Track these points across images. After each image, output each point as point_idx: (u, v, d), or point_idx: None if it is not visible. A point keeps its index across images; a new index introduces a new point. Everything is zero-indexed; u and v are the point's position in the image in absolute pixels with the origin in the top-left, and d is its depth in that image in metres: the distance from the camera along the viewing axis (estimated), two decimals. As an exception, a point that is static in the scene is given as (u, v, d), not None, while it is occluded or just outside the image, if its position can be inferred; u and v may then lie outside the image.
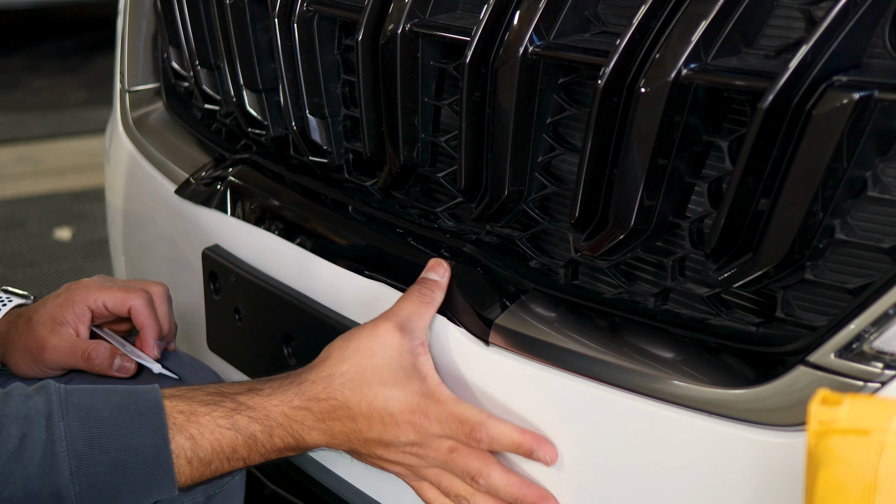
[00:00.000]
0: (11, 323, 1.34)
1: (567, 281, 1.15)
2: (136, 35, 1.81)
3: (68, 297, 1.32)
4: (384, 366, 1.12)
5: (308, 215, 1.40)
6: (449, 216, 1.28)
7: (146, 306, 1.33)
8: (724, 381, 0.98)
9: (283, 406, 1.11)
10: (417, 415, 1.11)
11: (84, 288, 1.33)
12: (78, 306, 1.32)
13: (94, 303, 1.32)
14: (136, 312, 1.33)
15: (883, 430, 0.76)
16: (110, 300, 1.32)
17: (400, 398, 1.11)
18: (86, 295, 1.32)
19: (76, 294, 1.33)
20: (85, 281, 1.35)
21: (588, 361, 1.06)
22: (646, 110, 0.97)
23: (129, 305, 1.32)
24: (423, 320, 1.15)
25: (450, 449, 1.11)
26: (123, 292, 1.33)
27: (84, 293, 1.33)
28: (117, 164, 1.83)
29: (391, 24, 1.19)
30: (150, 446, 1.05)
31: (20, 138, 4.77)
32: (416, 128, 1.24)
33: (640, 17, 0.98)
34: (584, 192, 1.06)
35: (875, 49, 0.90)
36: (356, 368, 1.12)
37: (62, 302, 1.32)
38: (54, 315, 1.31)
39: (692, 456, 0.99)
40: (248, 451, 1.10)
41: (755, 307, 1.02)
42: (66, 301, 1.32)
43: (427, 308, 1.15)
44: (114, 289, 1.33)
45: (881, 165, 0.91)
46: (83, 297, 1.32)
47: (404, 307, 1.15)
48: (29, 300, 1.40)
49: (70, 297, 1.32)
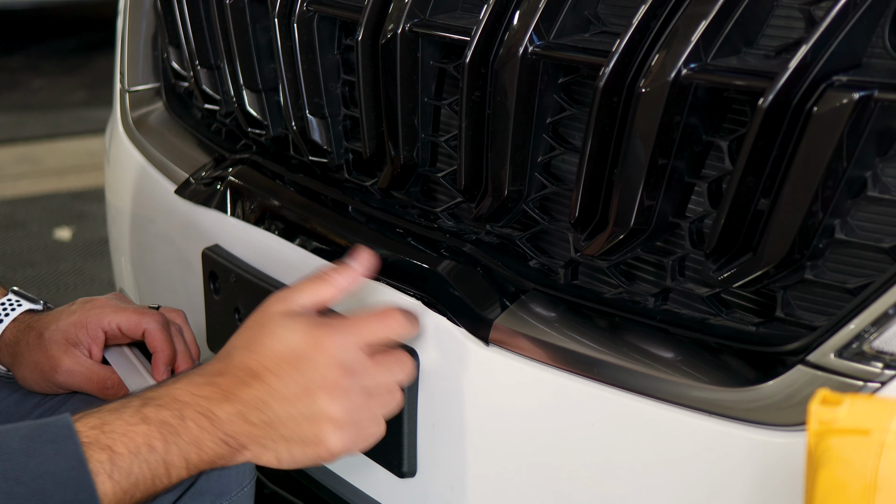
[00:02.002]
0: (22, 333, 1.33)
1: (567, 281, 1.15)
2: (136, 35, 1.81)
3: (83, 317, 1.31)
4: (274, 324, 1.09)
5: (308, 215, 1.40)
6: (449, 216, 1.28)
7: (160, 330, 1.32)
8: (723, 380, 0.98)
9: (188, 387, 1.07)
10: (322, 337, 1.07)
11: (99, 308, 1.32)
12: (92, 328, 1.30)
13: (109, 325, 1.31)
14: (150, 336, 1.31)
15: (883, 430, 0.76)
16: (125, 323, 1.31)
17: (298, 333, 1.08)
18: (100, 316, 1.31)
19: (91, 315, 1.31)
20: (100, 300, 1.33)
21: (588, 361, 1.06)
22: (646, 110, 0.98)
23: (144, 329, 1.31)
24: (311, 295, 1.13)
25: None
26: (138, 315, 1.31)
27: (98, 315, 1.31)
28: (117, 164, 1.83)
29: (391, 24, 1.19)
30: (69, 470, 1.00)
31: (20, 138, 4.77)
32: (416, 128, 1.24)
33: (640, 17, 0.98)
34: (584, 192, 1.06)
35: (875, 49, 0.90)
36: (249, 337, 1.10)
37: (76, 322, 1.30)
38: (68, 335, 1.30)
39: (692, 456, 0.99)
40: (165, 443, 1.03)
41: (755, 307, 1.02)
42: (81, 321, 1.30)
43: (321, 285, 1.13)
44: (128, 311, 1.32)
45: (881, 165, 0.91)
46: (97, 319, 1.31)
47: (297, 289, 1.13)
48: (39, 305, 1.38)
49: (84, 317, 1.31)
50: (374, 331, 1.10)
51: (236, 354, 1.09)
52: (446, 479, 1.21)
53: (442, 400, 1.19)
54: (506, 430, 1.14)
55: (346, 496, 1.34)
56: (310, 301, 1.12)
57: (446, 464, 1.20)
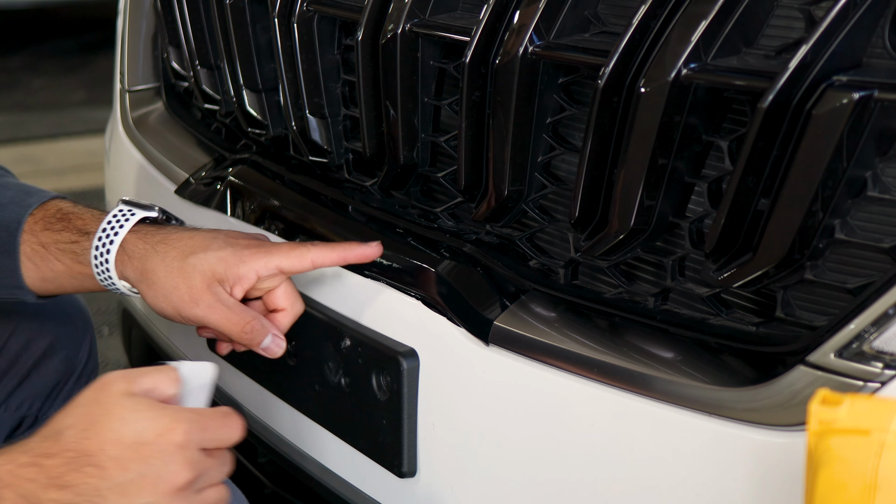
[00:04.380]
0: (153, 248, 1.20)
1: (567, 281, 1.15)
2: (136, 35, 1.81)
3: (236, 255, 1.18)
4: (118, 405, 0.96)
5: (308, 215, 1.40)
6: (449, 216, 1.28)
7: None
8: (723, 380, 0.98)
9: (8, 465, 0.94)
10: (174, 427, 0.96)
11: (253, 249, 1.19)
12: (245, 268, 1.18)
13: (265, 267, 1.18)
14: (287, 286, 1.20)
15: (883, 430, 0.76)
16: (286, 262, 1.19)
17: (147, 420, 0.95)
18: (255, 257, 1.18)
19: (246, 255, 1.18)
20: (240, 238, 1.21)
21: (588, 361, 1.06)
22: (646, 110, 0.98)
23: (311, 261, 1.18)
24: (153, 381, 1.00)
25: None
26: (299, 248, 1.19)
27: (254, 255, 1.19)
28: (117, 164, 1.83)
29: (391, 24, 1.19)
30: None
31: (20, 138, 4.77)
32: (416, 128, 1.24)
33: (640, 17, 0.98)
34: (584, 192, 1.06)
35: (875, 49, 0.90)
36: (86, 416, 0.96)
37: (226, 258, 1.18)
38: (216, 268, 1.17)
39: (692, 455, 0.99)
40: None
41: (755, 307, 1.02)
42: (235, 260, 1.18)
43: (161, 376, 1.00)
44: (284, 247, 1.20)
45: (881, 165, 0.91)
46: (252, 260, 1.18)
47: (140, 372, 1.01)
48: (154, 212, 1.26)
49: (239, 255, 1.18)
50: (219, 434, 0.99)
51: (69, 434, 0.95)
52: (446, 479, 1.21)
53: (442, 400, 1.19)
54: (506, 429, 1.14)
55: (346, 496, 1.34)
56: (151, 386, 0.99)
57: (446, 464, 1.20)
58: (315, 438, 1.37)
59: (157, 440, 0.95)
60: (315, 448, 1.38)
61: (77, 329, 1.54)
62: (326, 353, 1.30)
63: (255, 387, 1.46)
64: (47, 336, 1.49)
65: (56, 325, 1.50)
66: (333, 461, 1.35)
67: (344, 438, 1.31)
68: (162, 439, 0.95)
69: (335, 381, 1.30)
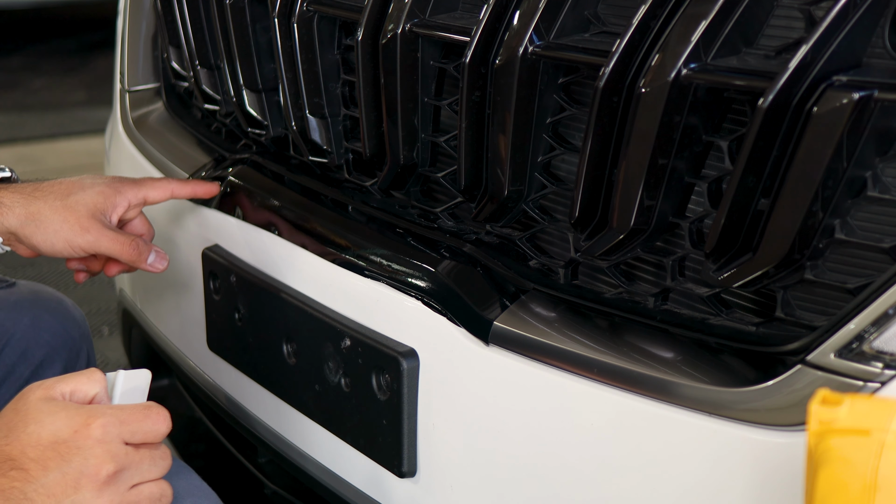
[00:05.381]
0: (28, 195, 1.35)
1: (567, 281, 1.15)
2: (136, 35, 1.81)
3: (111, 188, 1.38)
4: (35, 409, 0.97)
5: (308, 215, 1.40)
6: (449, 216, 1.28)
7: None
8: (723, 380, 0.98)
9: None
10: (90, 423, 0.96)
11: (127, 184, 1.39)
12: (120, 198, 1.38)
13: (136, 197, 1.39)
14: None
15: (883, 430, 0.76)
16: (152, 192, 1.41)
17: (62, 419, 0.96)
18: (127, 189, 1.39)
19: (119, 187, 1.38)
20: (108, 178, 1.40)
21: (588, 361, 1.06)
22: (646, 110, 0.98)
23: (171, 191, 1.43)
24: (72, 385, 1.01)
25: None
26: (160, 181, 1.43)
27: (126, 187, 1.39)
28: (117, 164, 1.83)
29: (391, 24, 1.19)
30: None
31: (20, 138, 4.76)
32: (416, 128, 1.24)
33: (640, 17, 0.98)
34: (584, 192, 1.06)
35: (875, 49, 0.90)
36: (5, 423, 0.97)
37: (105, 191, 1.37)
38: (97, 202, 1.36)
39: (692, 456, 0.99)
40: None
41: (755, 307, 1.02)
42: (111, 192, 1.37)
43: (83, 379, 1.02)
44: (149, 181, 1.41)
45: (881, 165, 0.91)
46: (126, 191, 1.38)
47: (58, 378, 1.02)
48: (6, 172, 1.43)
49: (114, 188, 1.38)
50: (140, 426, 0.98)
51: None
52: (446, 479, 1.21)
53: (442, 400, 1.19)
54: (506, 429, 1.14)
55: (346, 496, 1.34)
56: (70, 389, 1.00)
57: (446, 464, 1.20)
58: (315, 438, 1.37)
59: (73, 437, 0.95)
60: (315, 448, 1.38)
61: (74, 338, 1.55)
62: (326, 353, 1.30)
63: (256, 387, 1.46)
64: (44, 346, 1.52)
65: (53, 335, 1.52)
66: (333, 461, 1.35)
67: (344, 438, 1.31)
68: (78, 435, 0.95)
69: (335, 381, 1.30)
